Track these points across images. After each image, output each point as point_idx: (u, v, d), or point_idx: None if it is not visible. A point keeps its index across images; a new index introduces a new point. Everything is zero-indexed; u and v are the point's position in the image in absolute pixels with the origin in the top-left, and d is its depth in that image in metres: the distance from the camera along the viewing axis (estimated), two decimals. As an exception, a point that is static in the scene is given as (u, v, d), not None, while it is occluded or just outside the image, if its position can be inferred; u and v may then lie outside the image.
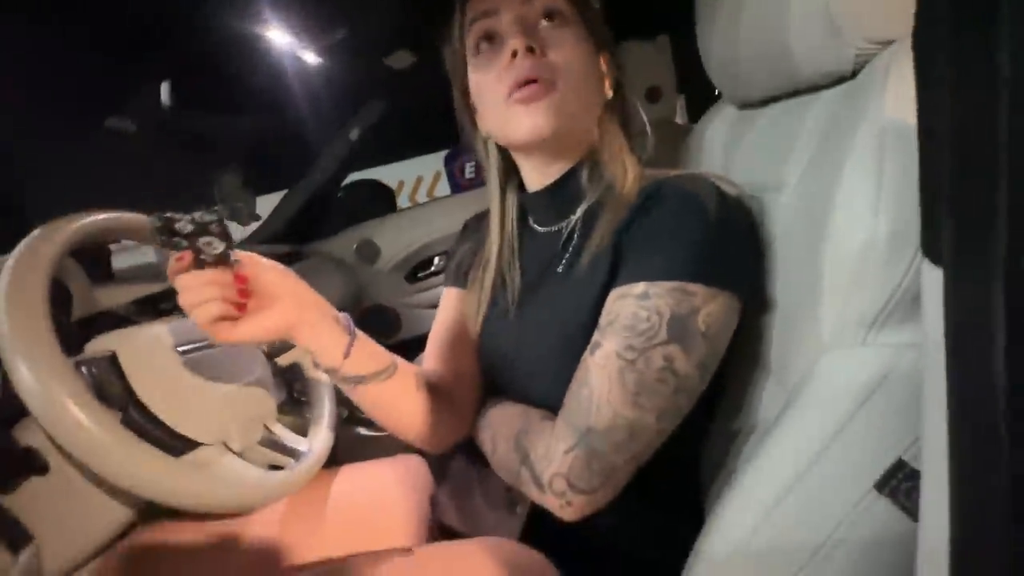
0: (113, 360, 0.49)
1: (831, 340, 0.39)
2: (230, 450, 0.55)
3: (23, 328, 0.41)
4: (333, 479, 0.67)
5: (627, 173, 0.55)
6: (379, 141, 1.59)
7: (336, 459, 0.72)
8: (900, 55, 0.38)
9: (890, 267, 0.34)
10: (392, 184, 1.93)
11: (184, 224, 0.40)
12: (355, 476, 0.67)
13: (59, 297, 0.65)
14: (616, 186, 0.54)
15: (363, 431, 1.03)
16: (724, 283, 0.45)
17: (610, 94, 0.57)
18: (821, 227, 0.40)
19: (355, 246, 1.49)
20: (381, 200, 1.81)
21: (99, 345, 0.51)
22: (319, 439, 0.64)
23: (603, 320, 0.48)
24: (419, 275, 1.54)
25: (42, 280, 0.44)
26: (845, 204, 0.37)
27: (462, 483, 0.66)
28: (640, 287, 0.46)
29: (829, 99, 0.47)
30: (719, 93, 0.68)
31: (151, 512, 0.59)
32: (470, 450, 0.65)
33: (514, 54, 0.50)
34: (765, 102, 0.58)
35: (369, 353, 0.53)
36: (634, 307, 0.45)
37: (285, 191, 1.45)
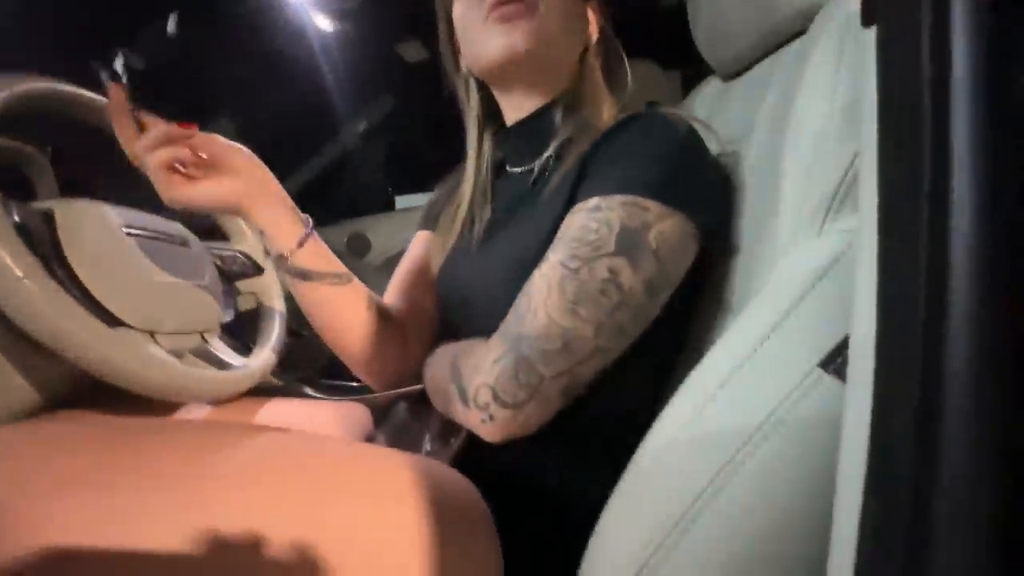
0: (48, 216, 0.47)
1: (790, 238, 0.37)
2: (157, 343, 0.52)
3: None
4: (262, 406, 0.62)
5: (603, 113, 0.55)
6: (392, 170, 1.62)
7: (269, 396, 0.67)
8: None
9: (842, 145, 0.33)
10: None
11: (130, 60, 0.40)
12: (287, 407, 0.63)
13: (20, 189, 0.65)
14: (589, 124, 0.54)
15: (310, 391, 0.98)
16: (681, 204, 0.44)
17: (593, 38, 0.58)
18: (782, 132, 0.39)
19: (346, 238, 1.49)
20: (381, 200, 1.83)
21: (36, 204, 0.49)
22: (257, 358, 0.61)
23: (556, 237, 0.46)
24: (406, 274, 1.53)
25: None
26: (805, 92, 0.37)
27: (401, 428, 0.61)
28: (593, 200, 0.44)
29: (800, 39, 0.48)
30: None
31: (62, 403, 0.54)
32: (415, 402, 0.62)
33: None
34: (748, 66, 0.59)
35: (323, 253, 0.52)
36: (585, 219, 0.44)
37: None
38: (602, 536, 0.36)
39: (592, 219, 0.43)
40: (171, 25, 0.78)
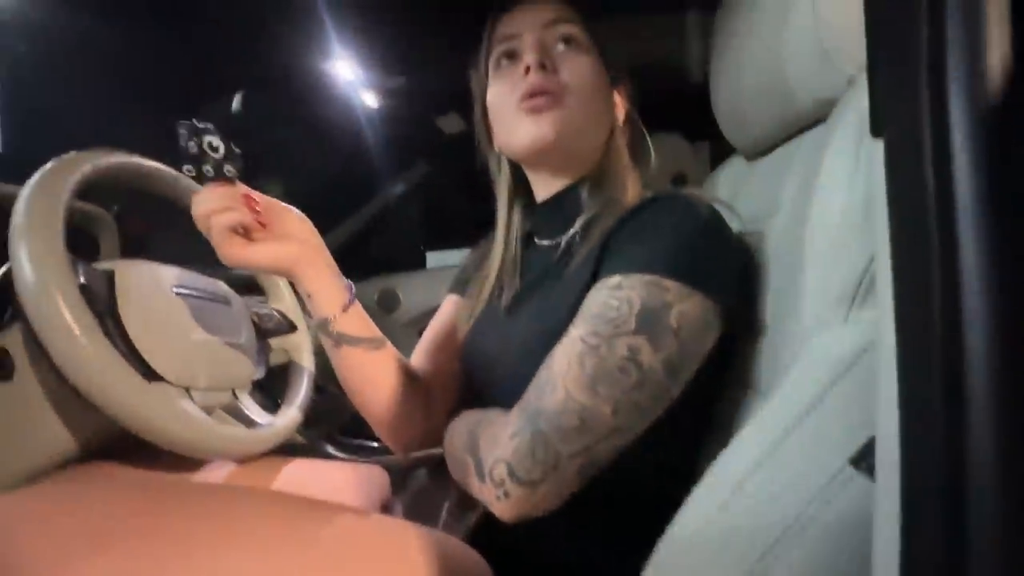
0: (109, 276, 0.51)
1: (814, 326, 0.37)
2: (191, 399, 0.54)
3: (34, 219, 0.44)
4: (284, 465, 0.63)
5: (627, 190, 0.57)
6: (425, 224, 1.70)
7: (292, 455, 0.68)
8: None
9: (865, 234, 0.33)
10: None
11: (212, 139, 0.44)
12: (308, 468, 0.63)
13: (86, 243, 0.70)
14: (614, 202, 0.56)
15: (332, 450, 0.98)
16: (702, 284, 0.44)
17: (620, 121, 0.62)
18: (804, 220, 0.40)
19: (377, 294, 1.54)
20: (412, 259, 1.89)
21: (100, 264, 0.53)
22: (283, 418, 0.62)
23: (578, 313, 0.47)
24: (433, 332, 1.55)
25: (67, 187, 0.48)
26: (825, 181, 0.38)
27: (420, 497, 0.60)
28: (615, 279, 0.45)
29: (824, 126, 0.50)
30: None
31: (95, 454, 0.56)
32: (434, 468, 0.61)
33: (527, 69, 0.56)
34: (769, 148, 0.61)
35: (364, 320, 0.55)
36: (606, 297, 0.45)
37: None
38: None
39: (613, 297, 0.44)
40: (236, 104, 0.86)
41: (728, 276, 0.47)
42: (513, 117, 0.57)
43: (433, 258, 1.97)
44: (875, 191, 0.33)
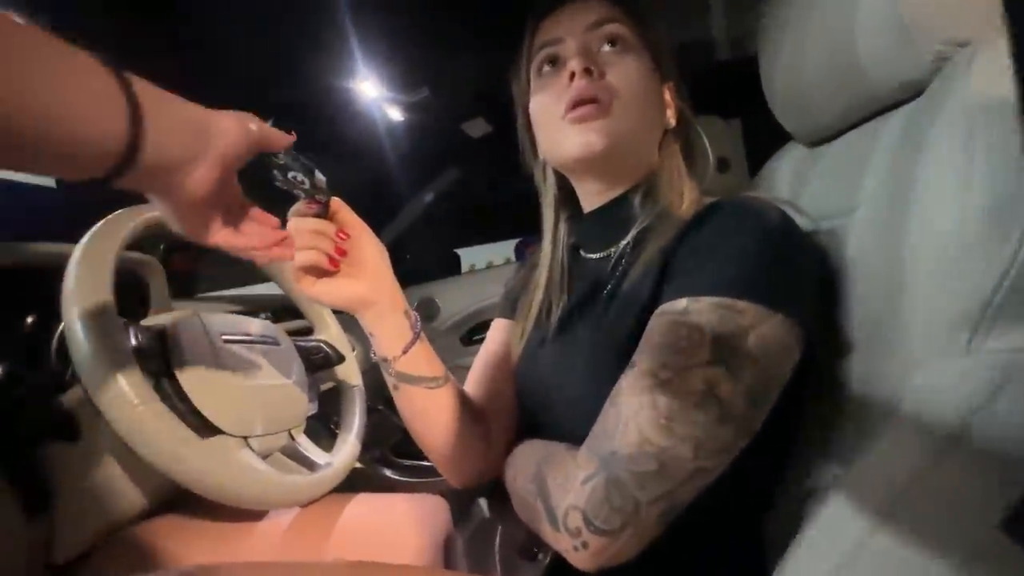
0: (162, 334, 0.51)
1: (923, 353, 0.32)
2: (250, 448, 0.54)
3: (84, 283, 0.44)
4: (347, 503, 0.62)
5: (683, 199, 0.53)
6: (455, 222, 1.68)
7: (354, 490, 0.67)
8: (983, 51, 0.35)
9: (992, 247, 0.28)
10: (463, 267, 2.02)
11: (295, 173, 0.43)
12: (370, 504, 0.63)
13: (136, 293, 0.71)
14: (670, 211, 0.52)
15: (389, 473, 0.98)
16: (780, 304, 0.40)
17: (672, 122, 0.57)
18: (899, 226, 0.35)
19: (416, 303, 1.54)
20: (448, 265, 1.89)
21: (154, 320, 0.54)
22: (341, 455, 0.61)
23: (642, 341, 0.43)
24: (474, 338, 1.54)
25: (114, 246, 0.48)
26: (928, 188, 0.33)
27: (481, 528, 0.59)
28: (681, 303, 0.41)
29: (906, 110, 0.44)
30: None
31: (164, 505, 0.57)
32: (495, 496, 0.59)
33: (572, 75, 0.52)
34: (835, 135, 0.55)
35: (427, 357, 0.53)
36: (673, 324, 0.41)
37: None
38: None
39: (682, 324, 0.40)
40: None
41: (807, 291, 0.43)
42: (559, 127, 0.53)
43: (465, 254, 1.96)
44: (1010, 190, 0.28)
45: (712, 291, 0.40)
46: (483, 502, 0.61)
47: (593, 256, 0.60)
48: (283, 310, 0.91)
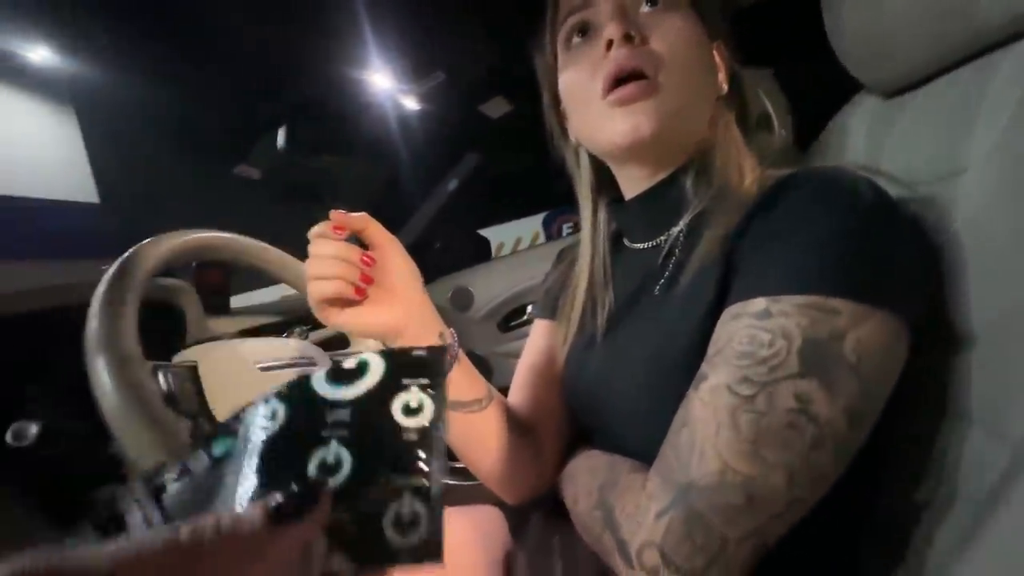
0: (193, 371, 0.49)
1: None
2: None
3: (105, 328, 0.42)
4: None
5: (743, 176, 0.45)
6: (479, 203, 1.64)
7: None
8: None
9: None
10: (492, 245, 1.98)
11: None
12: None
13: (174, 322, 0.70)
14: (729, 190, 0.45)
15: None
16: (881, 300, 0.33)
17: (724, 88, 0.50)
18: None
19: (450, 293, 1.51)
20: (478, 250, 1.85)
21: (185, 356, 0.52)
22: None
23: (711, 348, 0.37)
24: (511, 324, 1.51)
25: (136, 283, 0.46)
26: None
27: (541, 543, 0.56)
28: (759, 303, 0.35)
29: (1014, 54, 0.36)
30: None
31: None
32: (552, 506, 0.56)
33: (609, 44, 0.44)
34: (921, 81, 0.47)
35: (468, 380, 0.49)
36: (751, 329, 0.35)
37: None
38: None
39: (762, 328, 0.34)
40: (280, 139, 0.83)
41: (912, 280, 0.36)
42: (598, 110, 0.46)
43: (492, 233, 1.92)
44: None
45: (797, 288, 0.34)
46: (537, 516, 0.58)
47: (640, 246, 0.54)
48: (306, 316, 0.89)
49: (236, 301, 1.05)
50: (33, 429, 0.42)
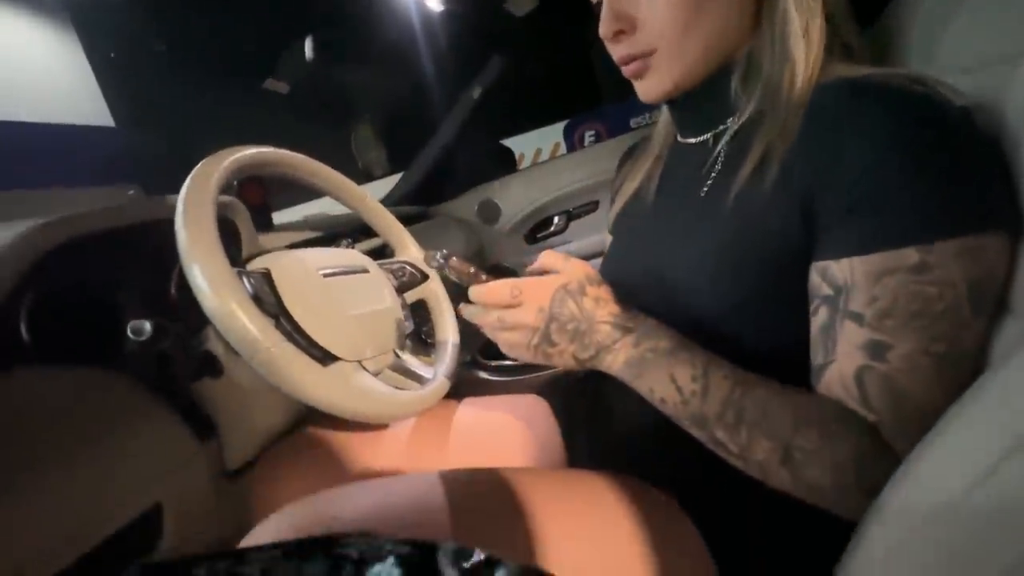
0: (267, 276, 0.54)
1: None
2: (365, 369, 0.59)
3: (197, 239, 0.46)
4: (455, 409, 0.68)
5: (796, 74, 0.44)
6: (501, 112, 1.59)
7: (458, 396, 0.73)
8: None
9: None
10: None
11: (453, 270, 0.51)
12: (476, 408, 0.68)
13: (230, 235, 0.75)
14: (782, 89, 0.44)
15: (483, 375, 1.05)
16: (1008, 221, 0.35)
17: None
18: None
19: (476, 206, 1.53)
20: (502, 161, 1.83)
21: (255, 265, 0.56)
22: (444, 366, 0.66)
23: (870, 309, 0.36)
24: (538, 235, 1.54)
25: (211, 197, 0.50)
26: None
27: (586, 427, 0.63)
28: (911, 256, 0.35)
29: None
30: None
31: (307, 418, 0.65)
32: (594, 396, 0.62)
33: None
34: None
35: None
36: (915, 286, 0.35)
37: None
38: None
39: (928, 284, 0.35)
40: (308, 50, 0.81)
41: (1011, 186, 0.36)
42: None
43: (512, 144, 1.89)
44: None
45: (948, 231, 0.34)
46: (583, 402, 0.64)
47: (691, 141, 0.55)
48: (359, 230, 0.93)
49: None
50: (148, 326, 0.48)
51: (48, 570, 0.43)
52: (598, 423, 0.60)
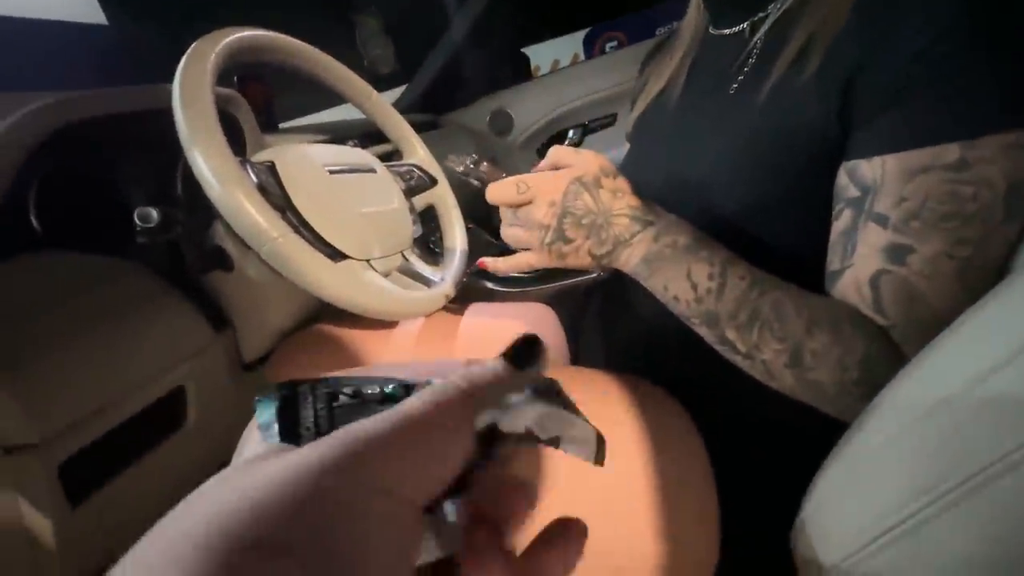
0: (272, 168, 0.53)
1: None
2: (373, 269, 0.59)
3: (196, 122, 0.45)
4: (463, 312, 0.69)
5: None
6: (516, 15, 1.46)
7: (465, 302, 0.74)
8: None
9: None
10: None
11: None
12: (484, 312, 0.69)
13: (233, 130, 0.72)
14: None
15: (491, 285, 1.06)
16: None
17: None
18: None
19: (488, 116, 1.46)
20: (517, 69, 1.73)
21: (259, 158, 0.55)
22: (452, 270, 0.66)
23: (897, 211, 0.35)
24: (551, 149, 1.48)
25: (208, 79, 0.47)
26: None
27: (593, 334, 0.64)
28: (951, 152, 0.32)
29: None
30: None
31: (318, 314, 0.67)
32: (602, 303, 0.62)
33: None
34: None
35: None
36: (950, 184, 0.33)
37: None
38: (826, 493, 0.34)
39: (961, 182, 0.32)
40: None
41: None
42: None
43: (532, 52, 1.76)
44: None
45: (994, 122, 0.31)
46: (592, 314, 0.65)
47: (724, 32, 0.51)
48: (367, 136, 0.90)
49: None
50: (155, 213, 0.48)
51: (79, 441, 0.46)
52: (604, 330, 0.61)
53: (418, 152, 0.75)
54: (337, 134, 0.95)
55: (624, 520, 0.39)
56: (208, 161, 0.44)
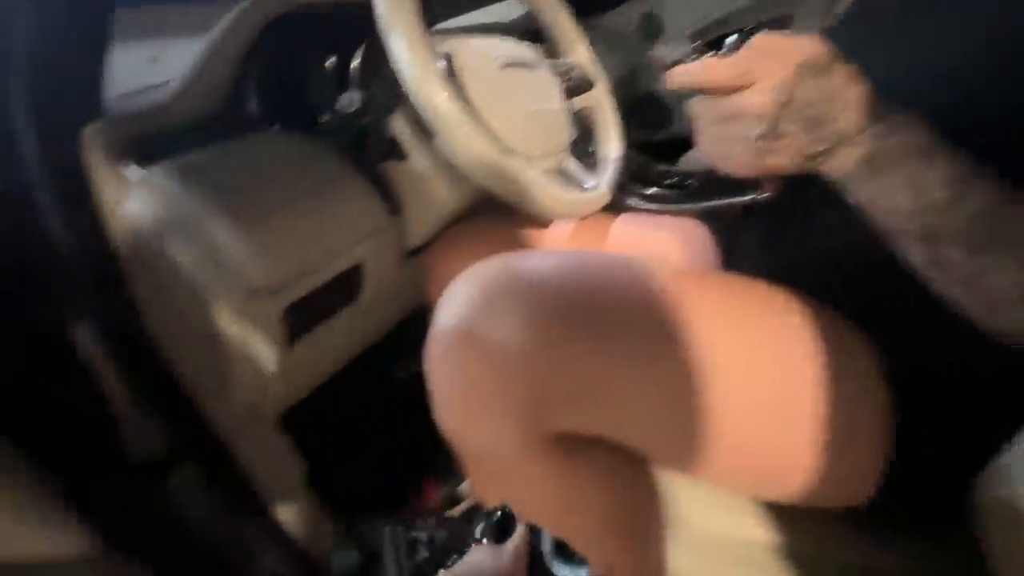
0: (449, 59, 0.54)
1: None
2: (535, 167, 0.60)
3: (397, 11, 0.47)
4: (616, 219, 0.69)
5: None
6: None
7: (615, 211, 0.73)
8: None
9: None
10: None
11: None
12: (637, 221, 0.69)
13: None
14: None
15: (635, 202, 1.03)
16: None
17: None
18: None
19: (637, 20, 1.34)
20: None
21: (439, 47, 0.56)
22: (607, 176, 0.65)
23: None
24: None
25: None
26: None
27: (748, 260, 0.60)
28: None
29: None
30: None
31: (478, 207, 0.71)
32: (767, 225, 0.58)
33: None
34: None
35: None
36: None
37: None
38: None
39: None
40: None
41: None
42: None
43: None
44: None
45: None
46: (748, 233, 0.60)
47: None
48: (525, 34, 0.88)
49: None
50: (357, 98, 0.53)
51: (295, 294, 0.55)
52: (763, 254, 0.57)
53: (580, 51, 0.72)
54: (492, 33, 0.94)
55: (787, 424, 0.39)
56: (407, 44, 0.46)
